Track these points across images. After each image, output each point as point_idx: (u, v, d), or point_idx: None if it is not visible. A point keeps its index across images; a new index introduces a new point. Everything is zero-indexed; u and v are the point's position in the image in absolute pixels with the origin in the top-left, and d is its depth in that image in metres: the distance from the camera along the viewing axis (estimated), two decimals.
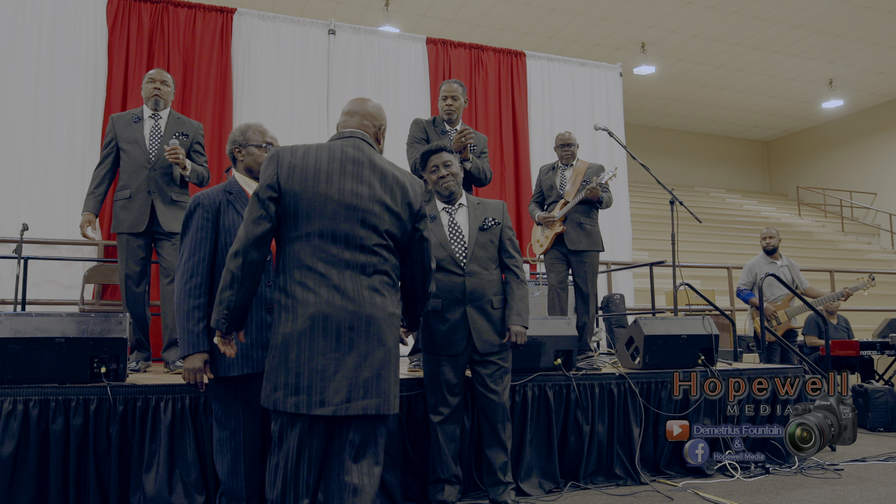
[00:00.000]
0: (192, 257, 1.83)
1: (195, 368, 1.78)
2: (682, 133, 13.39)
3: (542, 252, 3.49)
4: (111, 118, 3.04)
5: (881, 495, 2.54)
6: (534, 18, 8.33)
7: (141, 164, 2.92)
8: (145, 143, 2.94)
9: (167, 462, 2.16)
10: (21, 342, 2.09)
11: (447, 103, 3.10)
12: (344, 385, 1.56)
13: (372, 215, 1.62)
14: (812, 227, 11.88)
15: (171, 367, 2.95)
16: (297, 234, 1.60)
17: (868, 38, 8.96)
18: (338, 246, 1.59)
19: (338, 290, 1.57)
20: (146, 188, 2.90)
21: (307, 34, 4.97)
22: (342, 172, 1.61)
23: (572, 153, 3.49)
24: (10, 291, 3.63)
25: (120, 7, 4.42)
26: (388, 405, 1.62)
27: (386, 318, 1.62)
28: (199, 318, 1.79)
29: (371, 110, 1.77)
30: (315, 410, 1.54)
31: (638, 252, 7.09)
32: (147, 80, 3.02)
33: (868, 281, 4.66)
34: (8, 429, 2.03)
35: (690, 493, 2.58)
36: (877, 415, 4.15)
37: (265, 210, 1.59)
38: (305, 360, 1.56)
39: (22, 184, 4.10)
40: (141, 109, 3.04)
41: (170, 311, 2.95)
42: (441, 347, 2.31)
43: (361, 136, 1.71)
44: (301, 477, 1.57)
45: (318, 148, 1.66)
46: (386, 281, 1.66)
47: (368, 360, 1.58)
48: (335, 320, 1.56)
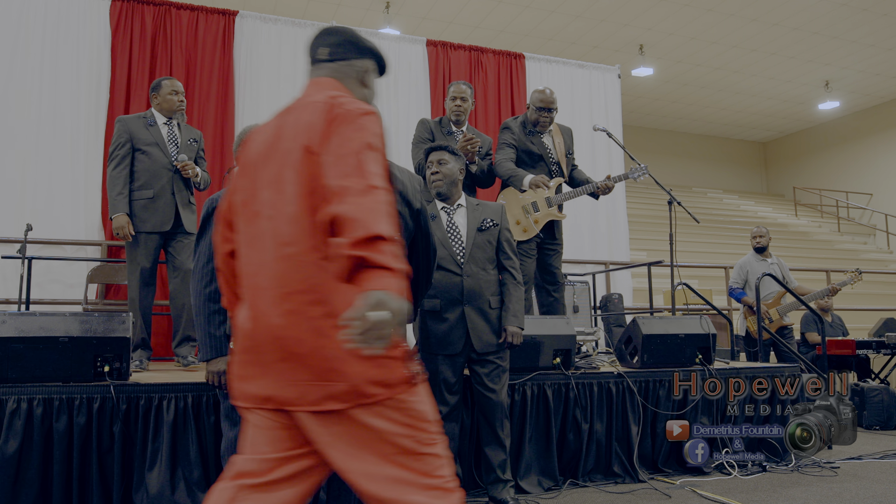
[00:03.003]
0: (212, 261, 1.85)
1: (219, 371, 1.82)
2: (680, 134, 13.44)
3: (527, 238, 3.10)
4: (121, 119, 3.08)
5: (877, 493, 2.57)
6: (533, 21, 8.37)
7: (163, 166, 3.00)
8: (167, 147, 3.03)
9: (170, 460, 2.17)
10: (25, 341, 2.10)
11: (456, 104, 3.09)
12: None
13: None
14: (808, 227, 11.93)
15: (183, 362, 2.99)
16: None
17: (864, 41, 9.01)
18: None
19: None
20: (170, 189, 2.99)
21: (309, 36, 4.98)
22: None
23: (552, 119, 3.19)
24: (15, 291, 3.64)
25: (123, 9, 4.44)
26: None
27: None
28: (220, 321, 1.81)
29: None
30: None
31: (636, 252, 7.12)
32: (171, 92, 3.08)
33: (855, 276, 4.69)
34: (12, 427, 2.04)
35: (688, 490, 2.61)
36: (872, 413, 4.19)
37: None
38: None
39: (26, 184, 4.11)
40: (151, 113, 3.10)
41: (181, 307, 3.00)
42: (439, 347, 2.32)
43: None
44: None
45: None
46: None
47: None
48: None
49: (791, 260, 6.36)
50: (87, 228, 4.21)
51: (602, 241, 5.58)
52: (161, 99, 3.08)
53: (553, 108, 3.19)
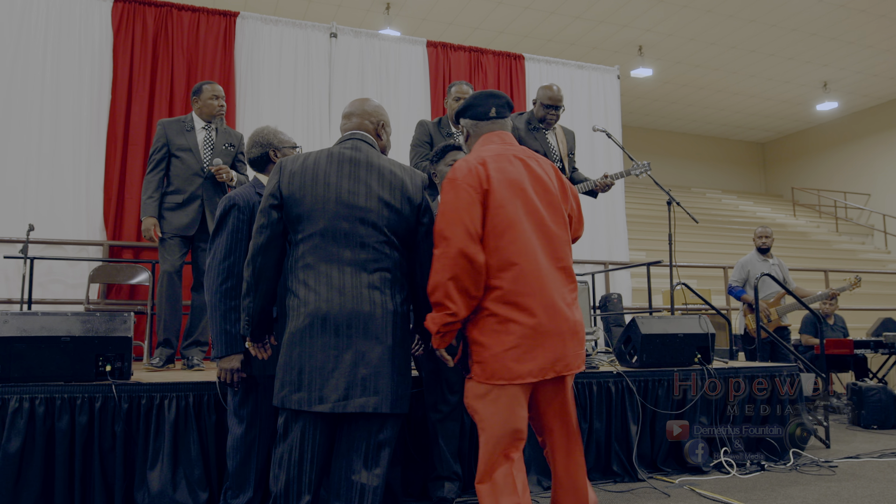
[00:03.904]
0: (228, 259, 1.84)
1: (233, 368, 1.81)
2: (679, 135, 13.47)
3: None
4: (161, 123, 3.10)
5: (875, 491, 2.58)
6: (532, 22, 8.39)
7: (195, 172, 3.03)
8: (199, 153, 3.05)
9: (171, 459, 2.18)
10: (27, 341, 2.10)
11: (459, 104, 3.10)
12: (342, 382, 1.58)
13: (371, 213, 1.64)
14: (807, 227, 11.96)
15: (188, 363, 3.01)
16: (301, 236, 1.64)
17: (862, 42, 9.04)
18: (338, 245, 1.62)
19: (337, 289, 1.60)
20: (200, 195, 3.02)
21: (309, 37, 5.01)
22: (339, 174, 1.65)
23: (558, 117, 3.20)
24: (17, 291, 3.65)
25: (125, 11, 4.46)
26: (387, 404, 1.61)
27: (385, 315, 1.63)
28: (235, 318, 1.81)
29: (368, 108, 1.80)
30: (314, 407, 1.57)
31: (635, 252, 7.13)
32: (211, 96, 3.08)
33: (854, 282, 4.75)
34: (14, 426, 2.04)
35: (687, 489, 2.62)
36: (870, 412, 4.21)
37: (266, 218, 1.65)
38: (306, 358, 1.59)
39: (28, 185, 4.13)
40: (191, 118, 3.12)
41: (198, 311, 3.05)
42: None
43: (360, 137, 1.75)
44: (304, 472, 1.59)
45: (319, 154, 1.71)
46: (387, 277, 1.66)
47: (366, 358, 1.60)
48: (333, 318, 1.59)
49: (789, 260, 6.38)
50: (88, 229, 4.22)
51: (601, 241, 5.60)
52: (202, 103, 3.10)
53: (560, 105, 3.20)
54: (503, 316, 1.61)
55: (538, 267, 1.65)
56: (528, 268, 1.63)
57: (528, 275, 1.63)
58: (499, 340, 1.61)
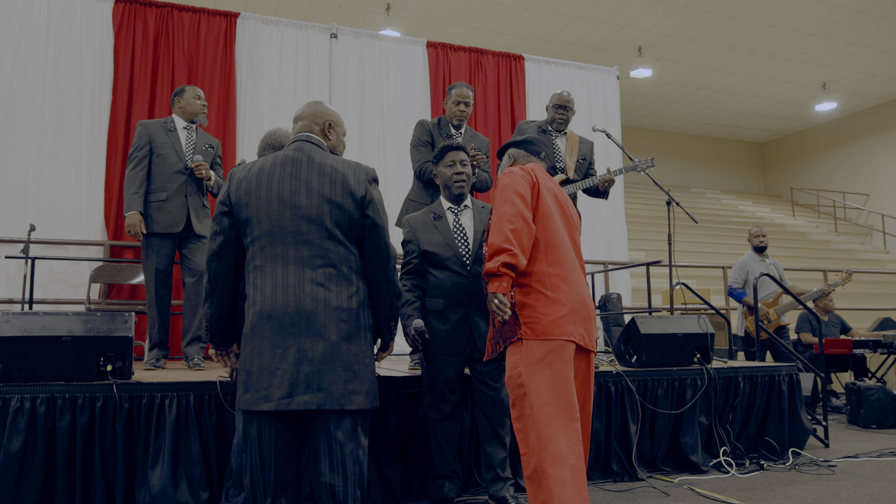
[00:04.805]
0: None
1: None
2: (678, 135, 13.49)
3: None
4: (142, 124, 3.14)
5: (873, 491, 2.59)
6: (532, 22, 8.40)
7: (178, 170, 3.06)
8: (182, 151, 3.10)
9: (172, 458, 2.18)
10: (28, 341, 2.11)
11: (460, 108, 3.07)
12: (286, 380, 1.57)
13: (312, 209, 1.65)
14: (806, 227, 11.98)
15: (190, 362, 3.02)
16: (251, 238, 1.68)
17: (860, 42, 9.06)
18: (283, 244, 1.64)
19: (281, 287, 1.61)
20: (183, 192, 3.05)
21: (309, 38, 5.02)
22: (281, 175, 1.68)
23: (568, 119, 3.30)
24: (18, 291, 3.66)
25: (125, 11, 4.46)
26: (333, 400, 1.59)
27: (329, 311, 1.61)
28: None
29: (315, 110, 1.82)
30: (261, 406, 1.57)
31: (635, 252, 7.14)
32: (194, 96, 3.19)
33: (846, 276, 4.79)
34: (16, 426, 2.05)
35: (686, 489, 2.62)
36: (869, 412, 4.21)
37: (218, 225, 1.70)
38: (255, 358, 1.60)
39: (29, 185, 4.13)
40: (172, 119, 3.17)
41: (194, 308, 3.06)
42: (442, 347, 2.33)
43: (305, 139, 1.76)
44: (267, 473, 1.59)
45: (265, 159, 1.75)
46: (332, 273, 1.65)
47: (309, 356, 1.59)
48: (278, 316, 1.60)
49: (788, 260, 6.40)
50: (89, 229, 4.23)
51: (601, 240, 5.61)
52: (185, 102, 3.16)
53: (568, 106, 3.36)
54: (551, 297, 1.92)
55: (571, 256, 2.00)
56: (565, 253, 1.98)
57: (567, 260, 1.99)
58: (552, 310, 1.90)
